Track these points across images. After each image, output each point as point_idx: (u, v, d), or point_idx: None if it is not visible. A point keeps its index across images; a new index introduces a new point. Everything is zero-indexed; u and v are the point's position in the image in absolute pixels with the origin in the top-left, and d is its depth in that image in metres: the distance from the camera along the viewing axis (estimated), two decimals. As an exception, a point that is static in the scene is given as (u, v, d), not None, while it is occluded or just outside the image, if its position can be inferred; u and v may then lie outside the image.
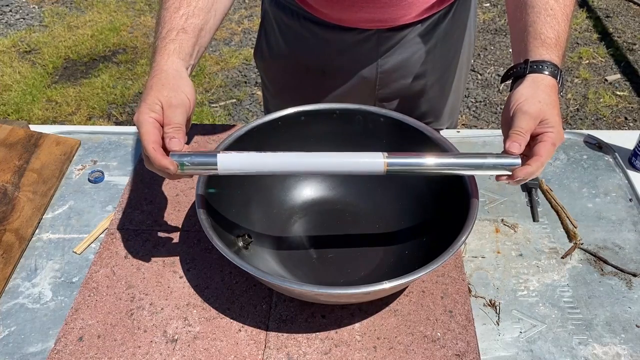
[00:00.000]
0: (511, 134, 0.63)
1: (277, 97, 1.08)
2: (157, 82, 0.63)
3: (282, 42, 0.96)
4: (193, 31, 0.68)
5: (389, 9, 0.83)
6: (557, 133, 0.62)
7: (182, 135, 0.62)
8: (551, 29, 0.66)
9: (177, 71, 0.65)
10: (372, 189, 0.84)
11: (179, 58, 0.65)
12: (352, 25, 0.88)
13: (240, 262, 0.62)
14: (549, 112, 0.62)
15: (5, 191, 0.87)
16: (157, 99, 0.61)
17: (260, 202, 0.81)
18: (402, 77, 0.96)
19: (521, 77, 0.66)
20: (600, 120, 2.29)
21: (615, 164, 0.94)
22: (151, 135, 0.60)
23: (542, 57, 0.65)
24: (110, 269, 0.77)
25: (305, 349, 0.67)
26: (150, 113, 0.61)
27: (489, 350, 0.68)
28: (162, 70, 0.64)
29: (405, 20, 0.87)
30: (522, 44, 0.68)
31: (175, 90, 0.63)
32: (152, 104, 0.61)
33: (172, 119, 0.61)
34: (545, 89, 0.64)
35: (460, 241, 0.63)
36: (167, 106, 0.62)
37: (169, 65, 0.64)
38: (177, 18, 0.67)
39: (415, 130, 0.78)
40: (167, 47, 0.65)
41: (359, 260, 0.77)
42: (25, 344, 0.69)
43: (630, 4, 3.06)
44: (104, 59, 2.70)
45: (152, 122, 0.61)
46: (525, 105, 0.63)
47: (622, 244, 0.81)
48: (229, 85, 2.54)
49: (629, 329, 0.70)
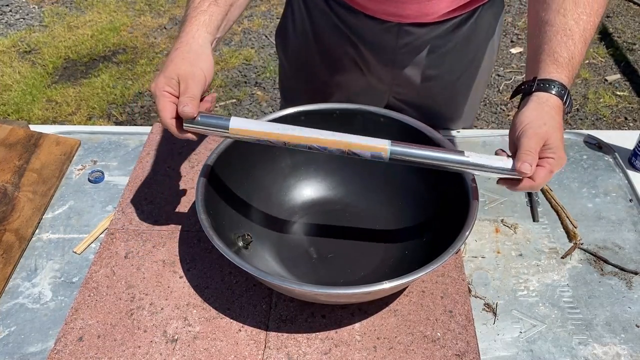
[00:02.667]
0: (521, 155, 0.62)
1: (294, 79, 1.09)
2: (179, 55, 0.65)
3: (308, 21, 0.97)
4: (224, 4, 0.70)
5: (412, 5, 0.85)
6: (557, 159, 0.62)
7: (196, 104, 0.63)
8: (566, 49, 0.66)
9: (201, 46, 0.66)
10: (372, 189, 0.84)
11: (207, 32, 0.67)
12: (375, 15, 0.89)
13: (240, 262, 0.62)
14: (553, 136, 0.62)
15: (5, 191, 0.87)
16: (174, 72, 0.64)
17: (260, 202, 0.81)
18: (418, 75, 0.96)
19: (528, 95, 0.66)
20: (600, 120, 2.29)
21: (615, 164, 0.94)
22: (168, 111, 0.63)
23: (551, 76, 0.65)
24: (110, 269, 0.77)
25: (305, 349, 0.67)
26: (166, 87, 0.63)
27: (489, 350, 0.68)
28: (186, 42, 0.66)
29: (427, 19, 0.88)
30: (535, 61, 0.68)
31: (194, 66, 0.65)
32: (168, 78, 0.63)
33: (187, 90, 0.63)
34: (550, 111, 0.64)
35: (460, 241, 0.63)
36: (183, 80, 0.64)
37: (195, 39, 0.66)
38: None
39: (416, 131, 0.78)
40: (197, 18, 0.67)
41: (359, 260, 0.77)
42: (25, 344, 0.69)
43: (630, 4, 3.06)
44: (104, 59, 2.70)
45: (168, 97, 0.63)
46: (530, 128, 0.63)
47: (622, 244, 0.81)
48: (229, 85, 2.54)
49: (629, 329, 0.70)
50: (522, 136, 0.63)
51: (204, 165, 0.73)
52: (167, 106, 0.63)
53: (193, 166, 0.92)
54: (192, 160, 0.94)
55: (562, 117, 0.66)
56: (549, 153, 0.62)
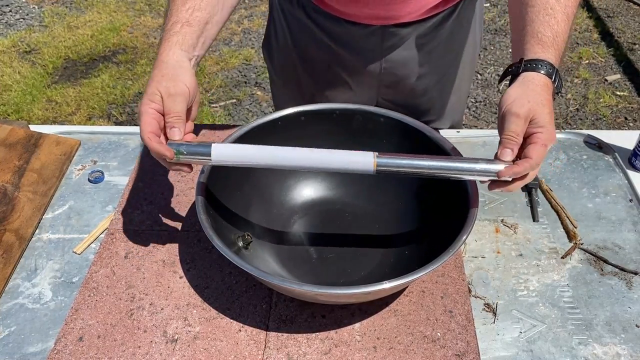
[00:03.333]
0: (503, 140, 0.62)
1: (283, 89, 1.09)
2: (158, 73, 0.65)
3: (289, 33, 0.97)
4: (198, 24, 0.69)
5: (393, 5, 0.84)
6: (547, 133, 0.61)
7: (182, 124, 0.64)
8: (549, 27, 0.66)
9: (178, 62, 0.66)
10: (372, 189, 0.84)
11: (181, 49, 0.67)
12: (358, 20, 0.88)
13: (240, 262, 0.62)
14: (539, 111, 0.61)
15: (5, 191, 0.87)
16: (156, 89, 0.64)
17: (260, 202, 0.81)
18: (406, 75, 0.96)
19: (516, 76, 0.66)
20: (600, 120, 2.29)
21: (615, 164, 0.94)
22: (148, 125, 0.63)
23: (537, 56, 0.65)
24: (110, 269, 0.77)
25: (305, 349, 0.67)
26: (151, 104, 0.63)
27: (489, 350, 0.68)
28: (162, 61, 0.66)
29: (409, 18, 0.87)
30: (520, 43, 0.68)
31: (174, 80, 0.64)
32: (151, 95, 0.63)
33: (172, 108, 0.63)
34: (536, 88, 0.63)
35: (460, 241, 0.63)
36: (166, 96, 0.64)
37: (170, 56, 0.66)
38: (183, 11, 0.69)
39: (415, 130, 0.78)
40: (170, 39, 0.67)
41: (359, 260, 0.77)
42: (25, 344, 0.69)
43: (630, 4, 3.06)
44: (104, 59, 2.70)
45: (152, 113, 0.63)
46: (514, 106, 0.62)
47: (622, 244, 0.81)
48: (229, 85, 2.54)
49: (629, 329, 0.70)
50: (504, 119, 0.63)
51: (204, 166, 0.73)
52: (148, 121, 0.63)
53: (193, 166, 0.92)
54: (192, 160, 0.93)
55: (552, 95, 0.65)
56: (537, 128, 0.61)
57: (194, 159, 0.64)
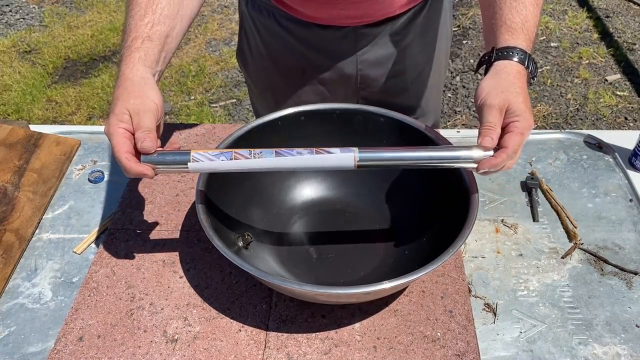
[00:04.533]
0: (481, 131, 0.63)
1: (261, 97, 1.08)
2: (124, 91, 0.63)
3: (261, 42, 0.96)
4: (159, 38, 0.68)
5: (363, 4, 0.84)
6: (523, 120, 0.62)
7: (153, 137, 0.62)
8: (517, 13, 0.66)
9: (143, 78, 0.65)
10: (372, 189, 0.84)
11: (144, 65, 0.66)
12: (329, 23, 0.88)
13: (240, 262, 0.62)
14: (513, 100, 0.62)
15: (5, 191, 0.87)
16: (124, 108, 0.62)
17: (260, 202, 0.81)
18: (383, 74, 0.96)
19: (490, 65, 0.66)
20: (600, 120, 2.29)
21: (615, 164, 0.94)
22: (122, 146, 0.61)
23: (508, 43, 0.65)
24: (110, 269, 0.77)
25: (305, 349, 0.67)
26: (120, 123, 0.61)
27: (489, 350, 0.68)
28: (127, 79, 0.64)
29: (381, 15, 0.87)
30: (490, 31, 0.69)
31: (141, 97, 0.63)
32: (120, 114, 0.62)
33: (142, 124, 0.62)
34: (508, 77, 0.64)
35: (460, 241, 0.63)
36: (134, 113, 0.62)
37: (134, 73, 0.65)
38: (143, 26, 0.67)
39: (415, 130, 0.78)
40: (132, 56, 0.66)
41: (359, 260, 0.77)
42: (25, 344, 0.69)
43: (630, 4, 3.06)
44: (104, 59, 2.70)
45: (122, 132, 0.61)
46: (488, 98, 0.63)
47: (622, 244, 0.81)
48: (229, 85, 2.54)
49: (629, 329, 0.70)
50: (481, 110, 0.63)
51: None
52: (121, 141, 0.61)
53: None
54: (192, 160, 0.93)
55: (526, 81, 0.65)
56: (512, 117, 0.62)
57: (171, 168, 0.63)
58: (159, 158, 0.62)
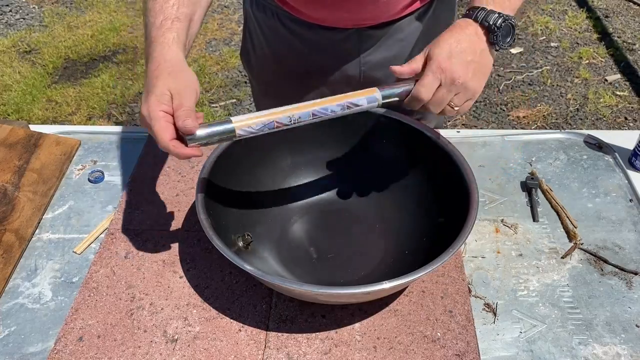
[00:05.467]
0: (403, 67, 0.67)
1: (264, 97, 1.08)
2: (164, 70, 0.62)
3: (265, 43, 0.96)
4: (185, 20, 0.68)
5: (367, 6, 0.83)
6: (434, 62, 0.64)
7: (194, 117, 0.61)
8: None
9: (181, 61, 0.65)
10: (372, 189, 0.84)
11: (179, 49, 0.66)
12: (333, 25, 0.88)
13: (240, 262, 0.62)
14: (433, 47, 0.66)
15: (5, 191, 0.87)
16: (165, 88, 0.61)
17: (260, 202, 0.81)
18: (386, 75, 0.95)
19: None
20: (600, 120, 2.29)
21: (615, 164, 0.94)
22: (166, 133, 0.59)
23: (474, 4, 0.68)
24: (110, 269, 0.77)
25: (305, 349, 0.67)
26: (161, 105, 0.60)
27: (489, 350, 0.68)
28: (164, 59, 0.64)
29: (385, 18, 0.87)
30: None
31: (181, 77, 0.63)
32: (161, 95, 0.60)
33: (183, 103, 0.61)
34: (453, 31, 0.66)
35: (460, 241, 0.63)
36: (176, 93, 0.61)
37: (172, 54, 0.64)
38: (169, 7, 0.67)
39: (416, 130, 0.78)
40: (165, 36, 0.65)
41: (359, 260, 0.77)
42: (25, 344, 0.69)
43: (630, 4, 3.06)
44: (104, 59, 2.70)
45: (164, 116, 0.60)
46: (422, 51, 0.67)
47: (622, 244, 0.81)
48: (229, 85, 2.54)
49: (629, 329, 0.70)
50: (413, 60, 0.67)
51: (204, 166, 0.73)
52: (164, 126, 0.59)
53: (193, 166, 0.92)
54: (192, 161, 0.93)
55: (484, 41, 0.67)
56: (429, 62, 0.65)
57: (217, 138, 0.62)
58: (206, 138, 0.61)
